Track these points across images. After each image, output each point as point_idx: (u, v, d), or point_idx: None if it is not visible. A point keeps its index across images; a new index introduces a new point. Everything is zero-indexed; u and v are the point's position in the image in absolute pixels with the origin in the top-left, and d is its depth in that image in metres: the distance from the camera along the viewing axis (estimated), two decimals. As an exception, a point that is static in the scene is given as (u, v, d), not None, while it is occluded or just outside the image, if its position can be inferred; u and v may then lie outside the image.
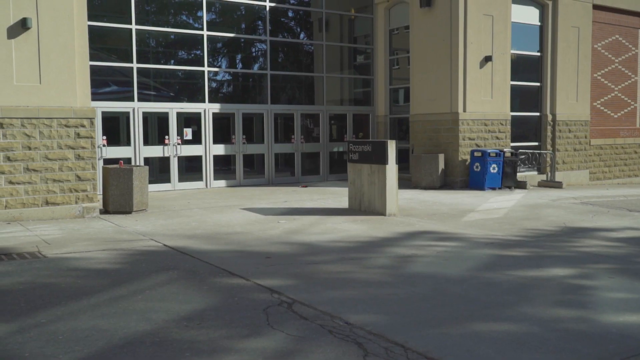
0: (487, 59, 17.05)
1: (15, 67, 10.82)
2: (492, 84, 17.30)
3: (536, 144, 19.03)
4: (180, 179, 16.21)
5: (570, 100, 19.31)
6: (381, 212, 11.67)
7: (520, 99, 18.72)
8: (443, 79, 17.09)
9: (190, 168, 16.57)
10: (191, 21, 17.03)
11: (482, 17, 16.96)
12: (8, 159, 10.80)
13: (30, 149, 10.98)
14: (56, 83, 11.20)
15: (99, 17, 14.93)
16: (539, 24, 18.81)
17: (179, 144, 16.08)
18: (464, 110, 16.81)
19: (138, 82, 15.63)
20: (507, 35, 17.58)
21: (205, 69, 16.73)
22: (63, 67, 11.24)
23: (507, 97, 17.70)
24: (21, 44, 10.87)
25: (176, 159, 16.08)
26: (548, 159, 18.72)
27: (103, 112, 14.89)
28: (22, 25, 10.80)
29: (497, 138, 17.50)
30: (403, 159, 17.95)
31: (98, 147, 14.40)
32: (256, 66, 18.32)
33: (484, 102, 17.19)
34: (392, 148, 11.60)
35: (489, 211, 12.59)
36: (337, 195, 14.72)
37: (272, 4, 17.78)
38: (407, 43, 18.52)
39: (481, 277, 7.01)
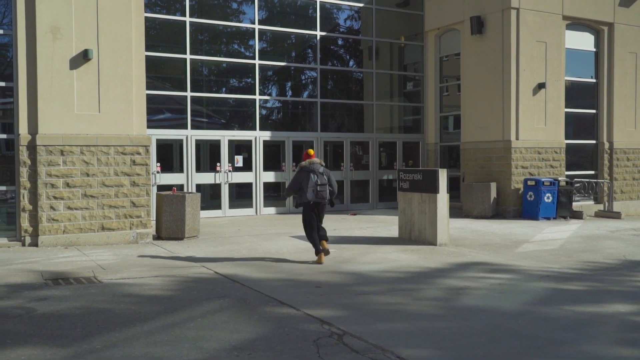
0: (541, 85, 16.77)
1: (76, 96, 11.24)
2: (545, 111, 16.98)
3: (592, 172, 18.51)
4: (231, 206, 16.40)
5: (628, 127, 18.76)
6: (432, 241, 11.50)
7: (575, 126, 18.29)
8: (495, 106, 16.88)
9: (241, 195, 16.76)
10: (242, 49, 17.40)
11: (535, 43, 16.74)
12: (67, 185, 11.16)
13: (88, 175, 11.33)
14: (114, 112, 11.56)
15: (155, 47, 15.39)
16: (594, 50, 18.43)
17: (230, 171, 16.31)
18: (517, 138, 16.52)
19: (192, 110, 16.00)
20: (561, 62, 17.28)
21: (257, 97, 17.00)
22: (121, 97, 11.61)
23: (561, 124, 17.33)
24: (82, 74, 11.30)
25: (227, 185, 16.31)
26: (605, 188, 18.15)
27: (157, 140, 15.27)
28: (84, 57, 11.23)
29: (551, 166, 17.10)
30: (454, 187, 17.71)
31: (152, 173, 14.74)
32: (306, 93, 18.52)
33: (537, 130, 16.87)
34: (443, 177, 11.47)
35: (544, 242, 12.25)
36: (386, 224, 14.60)
37: (323, 33, 18.01)
38: (458, 70, 18.42)
39: (537, 311, 6.79)
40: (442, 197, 11.47)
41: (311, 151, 10.03)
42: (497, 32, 16.80)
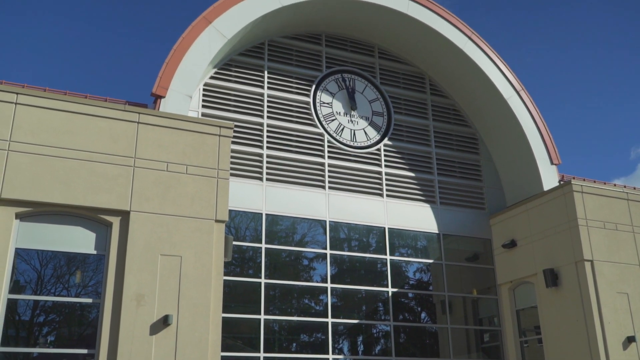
0: (630, 339, 15.75)
1: (152, 362, 11.25)
2: (640, 367, 15.71)
3: None
4: None
5: None
6: None
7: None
8: (583, 363, 15.78)
9: None
10: (313, 304, 17.44)
11: (615, 295, 16.14)
12: None
13: None
14: (188, 378, 11.40)
15: (229, 307, 15.49)
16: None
17: None
18: (614, 399, 15.09)
19: (263, 371, 15.62)
20: (648, 314, 16.43)
21: (330, 356, 16.55)
22: (196, 362, 11.55)
23: (662, 382, 15.86)
24: (160, 339, 11.44)
25: None
26: None
27: (228, 405, 14.73)
28: (164, 322, 11.48)
29: None
30: None
31: None
32: (378, 348, 17.95)
33: (635, 389, 15.45)
34: None
35: None
36: None
37: (394, 290, 18.04)
38: (537, 320, 17.68)
39: None
40: None
41: None
42: (573, 284, 16.39)
